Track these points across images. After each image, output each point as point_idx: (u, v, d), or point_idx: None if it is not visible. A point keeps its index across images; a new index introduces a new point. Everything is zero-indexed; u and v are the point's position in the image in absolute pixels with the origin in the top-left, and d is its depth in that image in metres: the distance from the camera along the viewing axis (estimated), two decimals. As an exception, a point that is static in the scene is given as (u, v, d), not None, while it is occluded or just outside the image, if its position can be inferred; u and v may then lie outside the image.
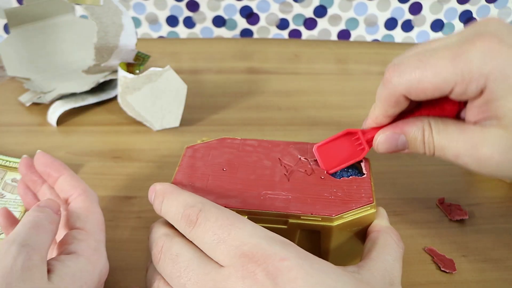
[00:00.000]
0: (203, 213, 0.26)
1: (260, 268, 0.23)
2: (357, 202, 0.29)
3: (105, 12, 0.50)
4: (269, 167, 0.32)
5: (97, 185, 0.43)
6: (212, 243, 0.25)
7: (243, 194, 0.30)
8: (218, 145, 0.34)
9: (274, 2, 0.69)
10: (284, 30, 0.72)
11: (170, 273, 0.26)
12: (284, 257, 0.24)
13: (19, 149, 0.48)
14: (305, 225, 0.29)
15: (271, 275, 0.23)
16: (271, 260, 0.24)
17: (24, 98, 0.55)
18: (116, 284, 0.34)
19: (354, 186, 0.30)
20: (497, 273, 0.35)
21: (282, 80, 0.61)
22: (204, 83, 0.60)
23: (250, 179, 0.31)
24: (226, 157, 0.33)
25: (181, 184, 0.30)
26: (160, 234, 0.28)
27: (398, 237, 0.29)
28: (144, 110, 0.49)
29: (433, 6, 0.68)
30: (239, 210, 0.28)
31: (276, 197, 0.29)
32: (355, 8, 0.69)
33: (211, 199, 0.28)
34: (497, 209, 0.40)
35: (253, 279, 0.23)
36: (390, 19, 0.70)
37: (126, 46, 0.52)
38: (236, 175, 0.31)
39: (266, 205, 0.29)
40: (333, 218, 0.28)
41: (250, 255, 0.24)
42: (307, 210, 0.28)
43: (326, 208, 0.29)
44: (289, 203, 0.29)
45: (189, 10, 0.70)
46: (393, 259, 0.27)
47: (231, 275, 0.24)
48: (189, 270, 0.25)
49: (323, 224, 0.28)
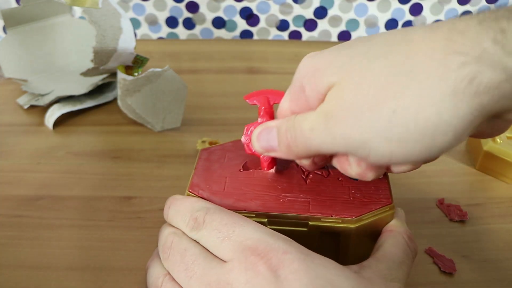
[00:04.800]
0: (209, 215, 0.27)
1: (263, 260, 0.24)
2: (376, 203, 0.29)
3: (103, 15, 0.50)
4: (285, 169, 0.32)
5: (97, 185, 0.43)
6: (217, 241, 0.26)
7: (261, 197, 0.29)
8: (233, 147, 0.34)
9: (274, 3, 0.69)
10: (284, 32, 0.72)
11: (178, 266, 0.26)
12: (286, 250, 0.24)
13: (19, 149, 0.48)
14: (325, 228, 0.28)
15: (273, 267, 0.24)
16: (274, 253, 0.24)
17: (22, 100, 0.55)
18: (116, 284, 0.34)
19: (372, 187, 0.30)
20: (497, 273, 0.35)
21: (282, 80, 0.61)
22: (204, 83, 0.60)
23: (267, 182, 0.31)
24: (242, 159, 0.33)
25: (198, 187, 0.30)
26: (169, 232, 0.28)
27: (412, 239, 0.29)
28: (144, 112, 0.49)
29: (434, 7, 0.68)
30: (259, 213, 0.28)
31: (295, 199, 0.29)
32: (356, 9, 0.69)
33: (229, 202, 0.29)
34: (497, 209, 0.40)
35: (254, 271, 0.24)
36: (390, 20, 0.70)
37: (125, 49, 0.52)
38: (253, 177, 0.31)
39: (285, 208, 0.29)
40: (353, 220, 0.28)
41: (253, 249, 0.25)
42: (327, 212, 0.28)
43: (346, 210, 0.28)
44: (309, 206, 0.29)
45: (189, 11, 0.71)
46: (399, 261, 0.27)
47: (234, 268, 0.24)
48: (196, 264, 0.26)
49: (344, 226, 0.28)
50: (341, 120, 0.23)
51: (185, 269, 0.26)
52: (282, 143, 0.27)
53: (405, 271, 0.27)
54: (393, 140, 0.22)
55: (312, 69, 0.25)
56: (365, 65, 0.23)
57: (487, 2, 0.67)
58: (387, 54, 0.23)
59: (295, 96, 0.27)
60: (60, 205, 0.41)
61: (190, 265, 0.26)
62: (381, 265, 0.26)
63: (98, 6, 0.49)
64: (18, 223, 0.39)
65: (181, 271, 0.26)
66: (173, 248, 0.27)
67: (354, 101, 0.23)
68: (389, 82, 0.22)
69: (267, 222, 0.28)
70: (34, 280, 0.34)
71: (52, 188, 0.43)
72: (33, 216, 0.40)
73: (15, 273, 0.35)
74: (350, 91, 0.23)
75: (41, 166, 0.46)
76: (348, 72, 0.23)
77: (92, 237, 0.38)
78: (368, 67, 0.23)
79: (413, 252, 0.29)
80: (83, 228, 0.39)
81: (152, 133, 0.51)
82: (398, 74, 0.22)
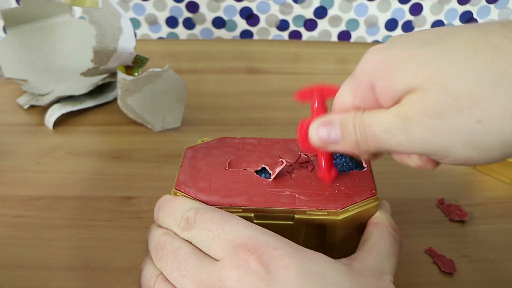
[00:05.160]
0: (199, 215, 0.27)
1: (254, 256, 0.24)
2: (360, 195, 0.29)
3: (103, 15, 0.50)
4: (270, 165, 0.32)
5: (97, 185, 0.43)
6: (207, 240, 0.26)
7: (248, 192, 0.30)
8: (218, 144, 0.34)
9: (274, 3, 0.69)
10: (284, 31, 0.72)
11: (171, 265, 0.26)
12: (277, 246, 0.25)
13: (19, 149, 0.48)
14: (311, 220, 0.29)
15: (264, 263, 0.24)
16: (264, 249, 0.24)
17: (22, 101, 0.55)
18: (116, 284, 0.34)
19: (355, 179, 0.31)
20: (497, 273, 0.35)
21: (282, 80, 0.61)
22: (204, 83, 0.60)
23: (253, 177, 0.31)
24: (227, 156, 0.33)
25: (184, 185, 0.30)
26: (161, 233, 0.28)
27: (396, 231, 0.29)
28: (144, 112, 0.49)
29: (434, 7, 0.68)
30: (245, 208, 0.29)
31: (281, 194, 0.30)
32: (356, 9, 0.69)
33: (216, 198, 0.29)
34: (497, 209, 0.40)
35: (246, 267, 0.24)
36: (390, 20, 0.70)
37: (125, 49, 0.52)
38: (239, 173, 0.31)
39: (272, 202, 0.29)
40: (338, 212, 0.29)
41: (243, 246, 0.25)
42: (313, 205, 0.29)
43: (331, 202, 0.29)
44: (294, 199, 0.29)
45: (189, 11, 0.70)
46: (387, 252, 0.27)
47: (226, 266, 0.24)
48: (188, 263, 0.26)
49: (329, 218, 0.29)
50: (422, 125, 0.22)
51: (178, 267, 0.26)
52: (348, 139, 0.26)
53: (394, 262, 0.27)
54: (475, 147, 0.22)
55: (383, 66, 0.24)
56: (449, 69, 0.22)
57: (487, 2, 0.67)
58: (472, 57, 0.21)
59: (361, 92, 0.26)
60: (60, 205, 0.41)
61: (183, 264, 0.26)
62: (370, 257, 0.27)
63: (98, 6, 0.49)
64: (18, 223, 0.39)
65: (174, 270, 0.26)
66: (165, 248, 0.27)
67: (437, 107, 0.22)
68: (475, 88, 0.21)
69: (254, 217, 0.29)
70: (34, 280, 0.34)
71: (52, 188, 0.43)
72: (33, 216, 0.40)
73: (15, 273, 0.35)
74: (433, 96, 0.22)
75: (41, 166, 0.46)
76: (431, 75, 0.22)
77: (92, 237, 0.38)
78: (451, 71, 0.22)
79: (399, 243, 0.29)
80: (83, 228, 0.39)
81: (152, 133, 0.51)
82: (484, 81, 0.21)
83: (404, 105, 0.23)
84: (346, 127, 0.26)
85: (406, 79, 0.23)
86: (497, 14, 0.68)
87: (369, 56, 0.25)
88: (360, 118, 0.25)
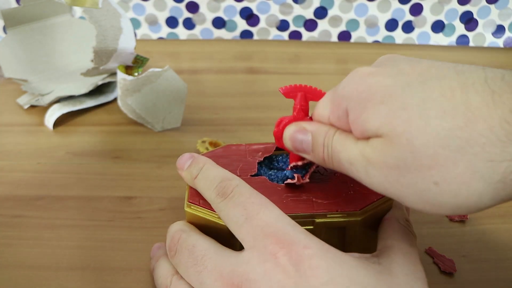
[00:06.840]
0: (239, 188, 0.27)
1: (283, 251, 0.24)
2: (376, 194, 0.29)
3: (103, 15, 0.50)
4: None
5: (97, 185, 0.43)
6: (239, 219, 0.25)
7: None
8: (224, 152, 0.34)
9: (274, 4, 0.69)
10: (284, 32, 0.72)
11: (186, 262, 0.26)
12: (307, 245, 0.24)
13: (19, 149, 0.48)
14: (331, 223, 0.29)
15: (293, 260, 0.23)
16: (294, 246, 0.24)
17: (22, 101, 0.55)
18: (116, 284, 0.34)
19: None
20: (497, 273, 0.35)
21: (282, 80, 0.61)
22: (204, 83, 0.60)
23: (266, 184, 0.31)
24: (236, 164, 0.32)
25: (198, 197, 0.30)
26: (176, 229, 0.28)
27: (410, 225, 0.29)
28: (144, 112, 0.49)
29: (434, 7, 0.68)
30: None
31: (297, 199, 0.29)
32: (356, 9, 0.69)
33: None
34: (497, 209, 0.40)
35: (274, 262, 0.23)
36: (390, 20, 0.70)
37: (125, 50, 0.52)
38: (252, 181, 0.31)
39: (290, 208, 0.29)
40: (358, 213, 0.29)
41: (274, 238, 0.24)
42: (332, 208, 0.29)
43: (349, 203, 0.29)
44: (313, 203, 0.29)
45: (189, 11, 0.71)
46: (409, 245, 0.27)
47: (253, 257, 0.24)
48: (206, 259, 0.25)
49: (349, 220, 0.29)
50: (381, 172, 0.23)
51: (194, 264, 0.25)
52: (317, 154, 0.27)
53: (417, 253, 0.27)
54: (427, 203, 0.22)
55: (361, 97, 0.24)
56: (418, 125, 0.21)
57: (487, 2, 0.67)
58: (444, 117, 0.21)
59: (337, 113, 0.26)
60: (60, 205, 0.41)
61: (200, 260, 0.25)
62: (395, 250, 0.26)
63: (98, 6, 0.49)
64: (18, 223, 0.39)
65: (189, 266, 0.26)
66: (180, 244, 0.27)
67: (398, 161, 0.22)
68: (438, 151, 0.21)
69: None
70: (34, 280, 0.34)
71: (52, 188, 0.43)
72: (33, 216, 0.40)
73: (15, 273, 0.35)
74: (396, 149, 0.22)
75: (41, 166, 0.46)
76: (400, 127, 0.22)
77: (92, 237, 0.38)
78: (420, 128, 0.21)
79: (414, 236, 0.29)
80: (83, 228, 0.39)
81: (152, 133, 0.51)
82: (449, 145, 0.20)
83: (369, 147, 0.23)
84: (316, 141, 0.27)
85: (376, 123, 0.23)
86: (497, 14, 0.68)
87: (352, 80, 0.25)
88: (330, 140, 0.26)
